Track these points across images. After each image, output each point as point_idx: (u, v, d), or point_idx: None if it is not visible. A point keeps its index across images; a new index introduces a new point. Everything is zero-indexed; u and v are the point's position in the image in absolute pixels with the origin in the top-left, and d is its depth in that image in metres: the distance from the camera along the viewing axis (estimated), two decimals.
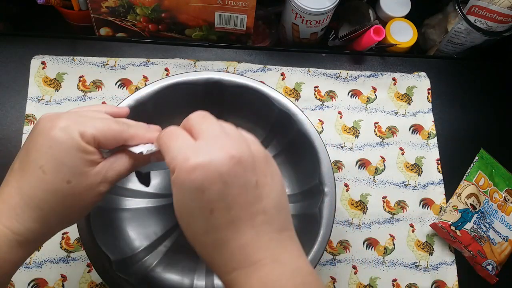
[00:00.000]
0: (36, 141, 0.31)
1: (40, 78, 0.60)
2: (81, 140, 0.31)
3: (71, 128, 0.31)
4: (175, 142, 0.30)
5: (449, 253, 0.58)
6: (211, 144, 0.29)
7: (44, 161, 0.30)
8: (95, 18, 0.61)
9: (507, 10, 0.60)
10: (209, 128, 0.30)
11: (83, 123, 0.32)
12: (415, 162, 0.62)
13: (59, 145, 0.30)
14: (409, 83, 0.65)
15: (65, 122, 0.31)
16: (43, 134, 0.31)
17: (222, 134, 0.30)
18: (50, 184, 0.31)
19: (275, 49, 0.66)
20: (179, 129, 0.32)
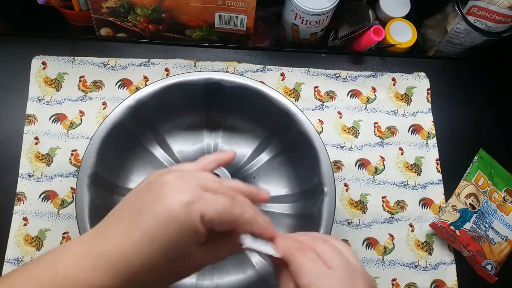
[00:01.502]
0: (154, 208, 0.29)
1: (41, 78, 0.60)
2: (200, 224, 0.29)
3: (194, 209, 0.29)
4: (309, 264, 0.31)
5: (448, 253, 0.58)
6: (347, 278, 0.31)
7: (156, 236, 0.28)
8: (96, 19, 0.61)
9: (506, 10, 0.60)
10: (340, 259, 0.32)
11: (205, 202, 0.29)
12: (415, 162, 0.62)
13: (176, 222, 0.28)
14: (409, 83, 0.66)
15: (188, 197, 0.29)
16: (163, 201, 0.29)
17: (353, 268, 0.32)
18: (153, 258, 0.29)
19: (275, 49, 0.66)
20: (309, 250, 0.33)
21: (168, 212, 0.28)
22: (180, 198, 0.29)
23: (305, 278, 0.31)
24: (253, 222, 0.32)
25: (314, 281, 0.31)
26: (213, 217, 0.29)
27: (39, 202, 0.55)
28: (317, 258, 0.32)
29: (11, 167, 0.56)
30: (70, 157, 0.57)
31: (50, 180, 0.56)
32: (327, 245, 0.33)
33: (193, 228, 0.29)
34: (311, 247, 0.33)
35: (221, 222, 0.30)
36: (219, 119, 0.57)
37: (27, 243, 0.53)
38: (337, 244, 0.34)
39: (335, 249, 0.33)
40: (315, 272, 0.31)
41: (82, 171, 0.47)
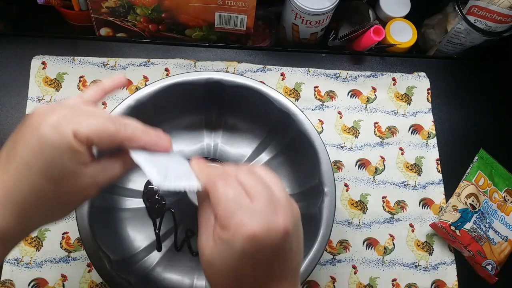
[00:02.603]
0: (24, 135, 0.29)
1: (41, 78, 0.60)
2: (73, 139, 0.29)
3: (63, 126, 0.29)
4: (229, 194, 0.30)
5: (448, 253, 0.58)
6: (267, 210, 0.30)
7: (31, 158, 0.29)
8: (96, 18, 0.61)
9: (506, 10, 0.60)
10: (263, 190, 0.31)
11: (76, 121, 0.29)
12: (415, 162, 0.62)
13: (48, 144, 0.28)
14: (409, 83, 0.66)
15: (57, 118, 0.29)
16: (32, 128, 0.29)
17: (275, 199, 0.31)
18: (35, 182, 0.29)
19: (275, 49, 0.66)
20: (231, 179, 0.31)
21: (38, 136, 0.29)
22: (49, 121, 0.29)
23: (224, 208, 0.30)
24: (138, 136, 0.32)
25: (233, 213, 0.29)
26: (88, 133, 0.29)
27: None
28: (240, 188, 0.31)
29: None
30: None
31: None
32: (252, 175, 0.32)
33: (68, 146, 0.29)
34: (235, 177, 0.32)
35: (100, 139, 0.30)
36: (219, 119, 0.57)
37: (26, 243, 0.53)
38: (263, 174, 0.32)
39: (260, 180, 0.32)
40: (235, 203, 0.30)
41: None
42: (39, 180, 0.29)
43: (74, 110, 0.31)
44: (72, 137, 0.29)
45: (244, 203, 0.30)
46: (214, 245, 0.30)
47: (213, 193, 0.31)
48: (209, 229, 0.31)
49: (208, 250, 0.31)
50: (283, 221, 0.30)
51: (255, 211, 0.29)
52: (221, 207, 0.30)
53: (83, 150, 0.29)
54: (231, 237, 0.29)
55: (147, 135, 0.33)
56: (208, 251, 0.31)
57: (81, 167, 0.30)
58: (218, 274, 0.31)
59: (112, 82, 0.36)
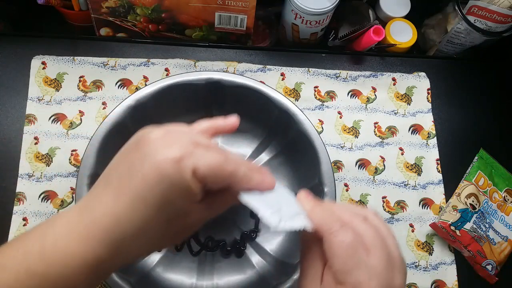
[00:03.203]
0: (143, 167, 0.27)
1: (41, 78, 0.60)
2: (192, 179, 0.27)
3: (185, 164, 0.27)
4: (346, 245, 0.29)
5: (448, 253, 0.58)
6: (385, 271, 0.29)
7: (149, 194, 0.27)
8: (96, 18, 0.61)
9: (506, 10, 0.60)
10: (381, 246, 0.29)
11: (197, 157, 0.27)
12: (415, 162, 0.62)
13: (168, 183, 0.27)
14: (409, 83, 0.66)
15: (178, 153, 0.27)
16: (151, 159, 0.27)
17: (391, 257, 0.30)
18: (150, 220, 0.27)
19: (275, 49, 0.66)
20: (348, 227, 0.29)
21: (158, 170, 0.27)
22: (170, 154, 0.27)
23: (340, 264, 0.28)
24: (249, 178, 0.30)
25: (349, 269, 0.28)
26: (206, 172, 0.27)
27: (39, 202, 0.55)
28: (357, 239, 0.29)
29: (11, 167, 0.56)
30: (70, 157, 0.57)
31: (50, 180, 0.56)
32: (369, 225, 0.30)
33: (186, 185, 0.27)
34: (350, 225, 0.30)
35: (215, 178, 0.28)
36: None
37: None
38: (379, 225, 0.31)
39: (377, 232, 0.30)
40: (352, 258, 0.28)
41: (82, 171, 0.47)
42: (155, 217, 0.27)
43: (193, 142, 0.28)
44: (191, 176, 0.27)
45: (362, 259, 0.28)
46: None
47: (329, 241, 0.29)
48: (317, 277, 0.30)
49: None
50: (399, 284, 0.29)
51: (374, 269, 0.28)
52: (337, 260, 0.28)
53: (199, 190, 0.28)
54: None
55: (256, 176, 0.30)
56: None
57: (193, 205, 0.29)
58: None
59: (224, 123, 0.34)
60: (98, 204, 0.28)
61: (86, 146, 0.48)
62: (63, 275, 0.27)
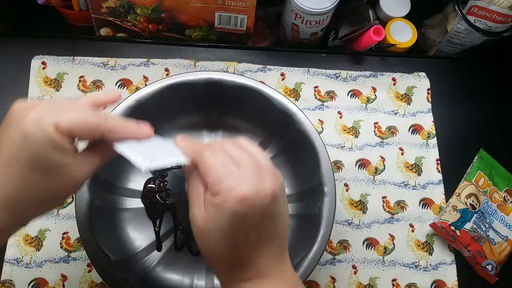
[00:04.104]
0: (8, 131, 0.30)
1: (41, 78, 0.60)
2: (54, 133, 0.30)
3: (44, 120, 0.30)
4: (218, 163, 0.32)
5: (448, 253, 0.58)
6: (255, 176, 0.32)
7: (17, 153, 0.30)
8: (96, 19, 0.61)
9: (506, 10, 0.60)
10: (249, 159, 0.33)
11: (57, 114, 0.30)
12: (415, 162, 0.62)
13: (31, 138, 0.29)
14: (409, 83, 0.66)
15: (37, 113, 0.30)
16: (15, 124, 0.30)
17: (260, 166, 0.33)
18: (24, 175, 0.30)
19: (275, 49, 0.66)
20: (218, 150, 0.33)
21: (21, 130, 0.29)
22: (30, 115, 0.30)
23: (214, 176, 0.31)
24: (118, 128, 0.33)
25: (223, 179, 0.31)
26: (69, 126, 0.30)
27: None
28: (227, 157, 0.32)
29: None
30: None
31: None
32: (237, 145, 0.34)
33: (49, 139, 0.29)
34: (220, 148, 0.33)
35: (81, 131, 0.31)
36: (219, 119, 0.57)
37: (26, 243, 0.53)
38: (247, 145, 0.34)
39: (245, 150, 0.34)
40: (224, 170, 0.32)
41: None
42: (27, 173, 0.30)
43: (55, 104, 0.32)
44: (53, 130, 0.30)
45: (233, 170, 0.32)
46: (206, 212, 0.32)
47: (202, 163, 0.32)
48: (200, 199, 0.33)
49: (201, 218, 0.32)
50: (270, 185, 0.32)
51: (243, 176, 0.31)
52: (210, 175, 0.32)
53: (65, 142, 0.30)
54: (223, 201, 0.31)
55: (127, 127, 0.34)
56: (200, 219, 0.32)
57: (65, 158, 0.31)
58: (211, 241, 0.32)
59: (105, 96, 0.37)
60: None
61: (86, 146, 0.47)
62: None
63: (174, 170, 0.55)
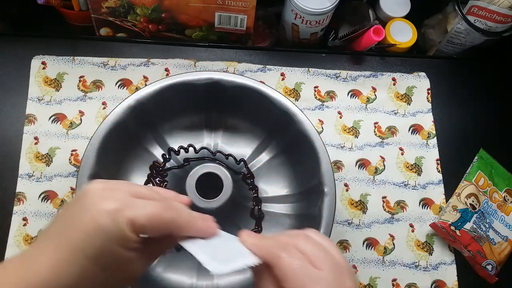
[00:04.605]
0: (80, 219, 0.29)
1: (41, 78, 0.60)
2: (128, 231, 0.28)
3: (120, 216, 0.28)
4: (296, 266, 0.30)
5: (448, 253, 0.58)
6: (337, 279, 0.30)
7: (87, 246, 0.28)
8: (96, 19, 0.61)
9: (506, 10, 0.60)
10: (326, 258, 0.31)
11: (133, 209, 0.29)
12: (415, 162, 0.62)
13: (104, 234, 0.28)
14: (409, 83, 0.66)
15: (114, 206, 0.28)
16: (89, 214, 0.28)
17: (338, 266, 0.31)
18: (88, 269, 0.28)
19: (275, 49, 0.66)
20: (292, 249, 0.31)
21: (95, 222, 0.28)
22: (105, 206, 0.28)
23: (295, 282, 0.29)
24: (190, 225, 0.31)
25: (304, 286, 0.29)
26: (144, 223, 0.29)
27: (39, 202, 0.55)
28: (303, 258, 0.30)
29: (11, 167, 0.56)
30: (70, 157, 0.57)
31: (50, 180, 0.56)
32: (311, 242, 0.32)
33: (122, 236, 0.28)
34: (294, 246, 0.31)
35: (153, 228, 0.30)
36: (219, 119, 0.57)
37: (26, 244, 0.53)
38: (321, 241, 0.33)
39: (320, 247, 0.32)
40: (304, 275, 0.29)
41: (82, 171, 0.47)
42: (90, 266, 0.28)
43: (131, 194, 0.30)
44: (128, 228, 0.28)
45: (313, 274, 0.30)
46: None
47: (277, 265, 0.30)
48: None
49: None
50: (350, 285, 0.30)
51: (325, 279, 0.29)
52: (290, 281, 0.29)
53: (136, 240, 0.29)
54: None
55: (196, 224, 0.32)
56: None
57: (129, 253, 0.30)
58: None
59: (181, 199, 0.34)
60: (38, 256, 0.29)
61: (86, 146, 0.48)
62: None
63: (174, 170, 0.55)
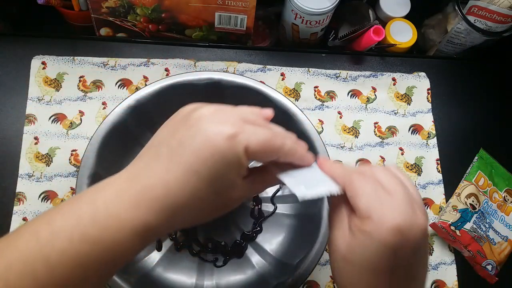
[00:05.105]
0: (195, 140, 0.28)
1: (41, 78, 0.60)
2: (244, 156, 0.28)
3: (238, 141, 0.28)
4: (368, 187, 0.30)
5: (448, 253, 0.58)
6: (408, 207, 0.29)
7: (202, 168, 0.28)
8: (96, 19, 0.61)
9: (506, 10, 0.60)
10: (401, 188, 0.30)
11: (248, 134, 0.29)
12: (415, 162, 0.62)
13: (221, 157, 0.28)
14: (409, 83, 0.66)
15: (232, 130, 0.28)
16: (204, 135, 0.28)
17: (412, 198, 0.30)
18: (199, 192, 0.28)
19: (275, 49, 0.66)
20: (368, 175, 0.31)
21: (212, 145, 0.28)
22: (223, 131, 0.28)
23: (364, 200, 0.29)
24: (294, 152, 0.31)
25: (374, 205, 0.29)
26: (257, 149, 0.29)
27: (39, 202, 0.55)
28: (377, 182, 0.30)
29: (11, 167, 0.56)
30: (70, 157, 0.57)
31: (50, 180, 0.56)
32: (388, 172, 0.32)
33: (237, 160, 0.28)
34: (370, 173, 0.31)
35: (265, 154, 0.30)
36: None
37: None
38: (398, 173, 0.32)
39: (396, 178, 0.31)
40: (375, 196, 0.29)
41: (82, 171, 0.47)
42: (205, 190, 0.28)
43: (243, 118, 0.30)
44: (243, 154, 0.28)
45: (384, 197, 0.29)
46: (352, 238, 0.30)
47: (351, 188, 0.31)
48: (344, 225, 0.31)
49: (345, 244, 0.30)
50: (422, 220, 0.30)
51: (396, 205, 0.29)
52: (360, 198, 0.30)
53: (247, 165, 0.29)
54: (375, 228, 0.28)
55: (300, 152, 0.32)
56: (344, 245, 0.30)
57: (240, 179, 0.30)
58: (355, 272, 0.30)
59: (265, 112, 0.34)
60: (148, 173, 0.29)
61: (86, 146, 0.48)
62: (114, 240, 0.27)
63: None
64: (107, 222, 0.27)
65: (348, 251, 0.30)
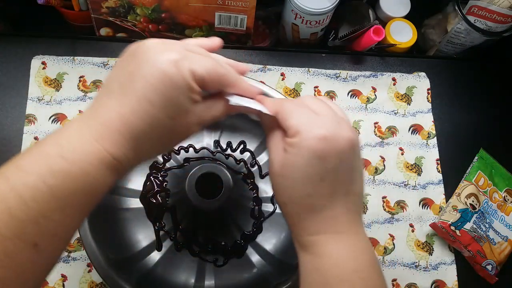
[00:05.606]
0: (143, 69, 0.30)
1: (41, 78, 0.60)
2: (191, 79, 0.30)
3: (183, 65, 0.30)
4: (299, 110, 0.33)
5: (448, 253, 0.58)
6: (335, 123, 0.32)
7: (152, 94, 0.29)
8: (96, 19, 0.61)
9: (506, 10, 0.60)
10: (328, 110, 0.33)
11: (192, 60, 0.30)
12: (415, 162, 0.62)
13: (169, 81, 0.29)
14: (409, 83, 0.66)
15: (176, 56, 0.30)
16: (151, 63, 0.29)
17: (339, 117, 0.33)
18: (154, 118, 0.30)
19: (275, 49, 0.66)
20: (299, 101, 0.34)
21: (160, 71, 0.29)
22: (169, 57, 0.29)
23: (294, 119, 0.32)
24: (238, 82, 0.34)
25: (302, 122, 0.32)
26: (203, 74, 0.30)
27: None
28: (306, 106, 0.33)
29: None
30: None
31: None
32: (316, 99, 0.35)
33: (186, 84, 0.30)
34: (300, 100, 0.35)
35: (211, 80, 0.31)
36: None
37: None
38: (326, 100, 0.35)
39: (323, 103, 0.34)
40: (304, 115, 0.32)
41: None
42: (160, 116, 0.30)
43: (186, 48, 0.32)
44: (190, 77, 0.30)
45: (313, 116, 0.32)
46: (284, 153, 0.33)
47: (282, 111, 0.33)
48: (279, 148, 0.34)
49: (278, 160, 0.33)
50: (348, 133, 0.32)
51: (323, 121, 0.32)
52: (290, 118, 0.33)
53: (197, 89, 0.31)
54: (302, 140, 0.31)
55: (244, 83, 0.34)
56: (277, 162, 0.33)
57: (192, 104, 0.31)
58: (288, 183, 0.33)
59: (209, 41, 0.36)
60: (103, 109, 0.30)
61: None
62: (84, 171, 0.28)
63: (174, 170, 0.55)
64: (74, 156, 0.28)
65: (282, 167, 0.33)
